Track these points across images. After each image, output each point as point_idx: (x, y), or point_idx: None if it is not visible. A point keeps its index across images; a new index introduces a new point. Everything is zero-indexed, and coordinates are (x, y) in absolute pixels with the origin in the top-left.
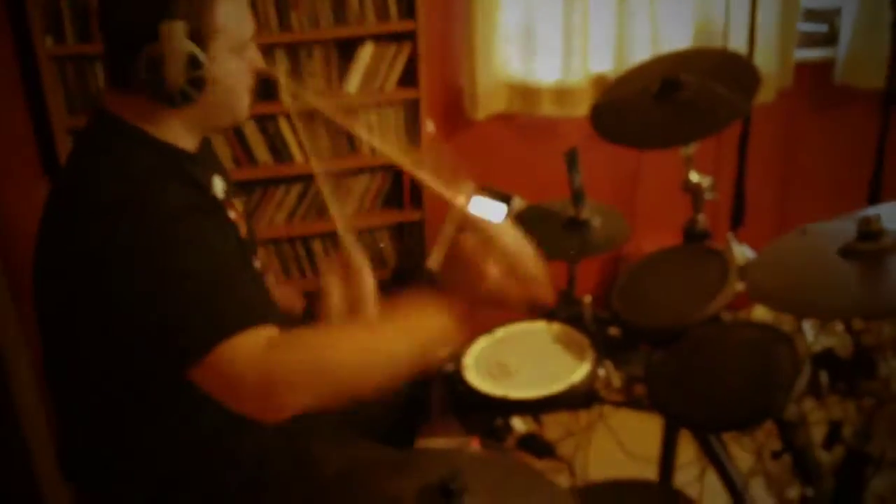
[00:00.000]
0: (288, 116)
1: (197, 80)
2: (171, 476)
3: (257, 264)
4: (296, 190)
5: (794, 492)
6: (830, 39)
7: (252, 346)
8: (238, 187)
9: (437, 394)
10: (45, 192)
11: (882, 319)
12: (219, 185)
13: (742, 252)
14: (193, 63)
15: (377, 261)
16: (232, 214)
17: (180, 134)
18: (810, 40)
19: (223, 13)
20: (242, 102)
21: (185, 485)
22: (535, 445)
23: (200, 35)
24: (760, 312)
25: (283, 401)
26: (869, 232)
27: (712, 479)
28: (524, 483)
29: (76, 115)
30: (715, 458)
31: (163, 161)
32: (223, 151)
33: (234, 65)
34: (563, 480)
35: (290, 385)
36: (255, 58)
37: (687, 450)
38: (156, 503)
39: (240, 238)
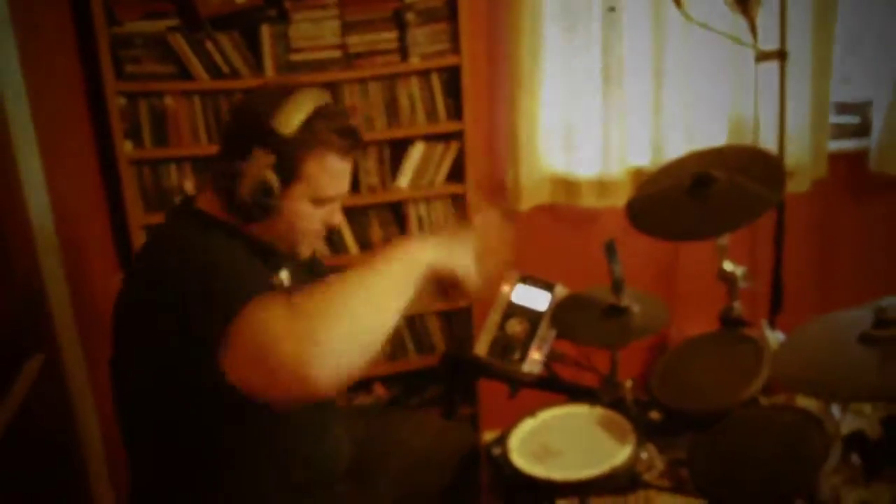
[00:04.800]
0: (344, 211)
1: (263, 205)
2: None
3: None
4: None
5: None
6: (863, 130)
7: (268, 307)
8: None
9: (485, 478)
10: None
11: None
12: (285, 276)
13: (775, 338)
14: (265, 191)
15: (426, 346)
16: None
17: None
18: (844, 132)
19: (315, 165)
20: (303, 243)
21: None
22: None
23: (284, 172)
24: (802, 398)
25: (313, 357)
26: (884, 320)
27: None
28: None
29: (151, 213)
30: None
31: (234, 239)
32: None
33: (306, 210)
34: None
35: (313, 333)
36: (332, 215)
37: None
38: None
39: None
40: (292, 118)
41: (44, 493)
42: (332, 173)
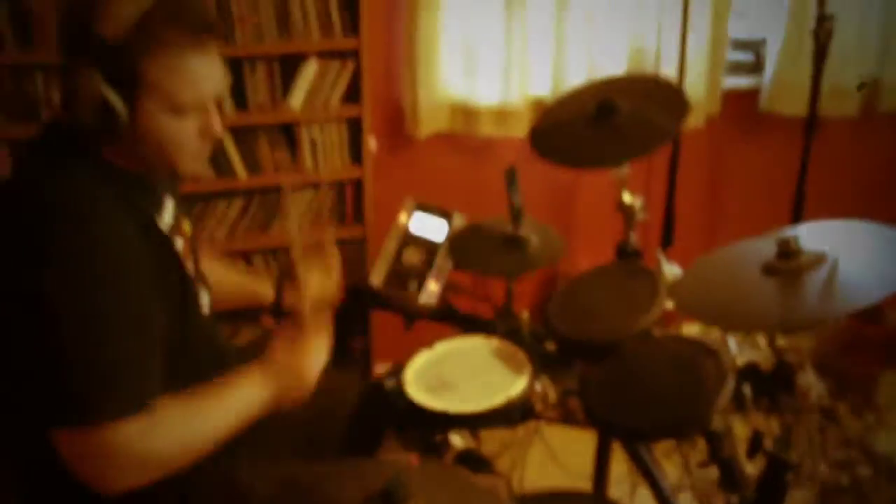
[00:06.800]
0: (231, 131)
1: (112, 126)
2: None
3: (205, 298)
4: (237, 204)
5: (719, 501)
6: (757, 68)
7: (123, 435)
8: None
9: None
10: None
11: (799, 332)
12: (169, 209)
13: (671, 270)
14: (106, 112)
15: None
16: (179, 244)
17: (123, 158)
18: (738, 69)
19: (157, 70)
20: (182, 161)
21: None
22: (473, 461)
23: (123, 85)
24: (690, 329)
25: (126, 483)
26: (787, 251)
27: (644, 495)
28: (464, 492)
29: (15, 124)
30: (644, 469)
31: (108, 183)
32: None
33: (168, 123)
34: (502, 494)
35: (141, 477)
36: (208, 124)
37: (620, 466)
38: None
39: (184, 275)
40: (120, 17)
41: None
42: (183, 74)
